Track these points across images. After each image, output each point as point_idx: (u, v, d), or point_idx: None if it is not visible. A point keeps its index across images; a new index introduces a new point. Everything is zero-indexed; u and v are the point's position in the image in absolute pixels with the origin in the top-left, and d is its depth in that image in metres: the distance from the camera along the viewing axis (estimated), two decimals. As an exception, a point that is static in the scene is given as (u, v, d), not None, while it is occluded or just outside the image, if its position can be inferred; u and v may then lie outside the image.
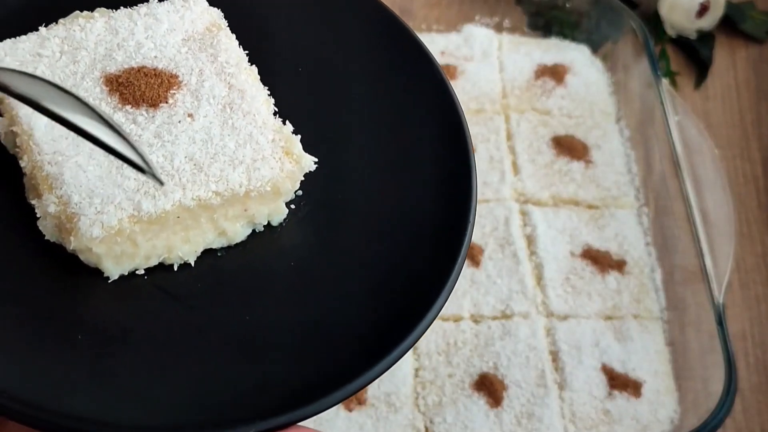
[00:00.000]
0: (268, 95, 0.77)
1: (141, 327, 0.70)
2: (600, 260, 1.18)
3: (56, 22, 0.78)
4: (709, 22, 1.41)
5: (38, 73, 0.74)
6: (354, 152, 0.78)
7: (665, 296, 1.17)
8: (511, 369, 1.09)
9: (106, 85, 0.75)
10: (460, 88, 1.32)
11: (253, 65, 0.78)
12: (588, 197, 1.24)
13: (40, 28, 0.77)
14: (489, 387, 1.08)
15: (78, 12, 0.79)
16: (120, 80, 0.75)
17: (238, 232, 0.74)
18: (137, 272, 0.72)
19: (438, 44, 1.37)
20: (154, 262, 0.72)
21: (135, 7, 0.79)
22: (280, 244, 0.75)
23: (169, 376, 0.68)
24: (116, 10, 0.79)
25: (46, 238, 0.72)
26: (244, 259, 0.74)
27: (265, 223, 0.75)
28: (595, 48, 1.38)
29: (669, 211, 1.21)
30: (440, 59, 1.35)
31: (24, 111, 0.72)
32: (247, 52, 0.79)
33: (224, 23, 0.80)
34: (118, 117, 0.73)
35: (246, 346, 0.69)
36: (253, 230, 0.75)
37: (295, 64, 0.82)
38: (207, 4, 0.80)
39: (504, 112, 1.31)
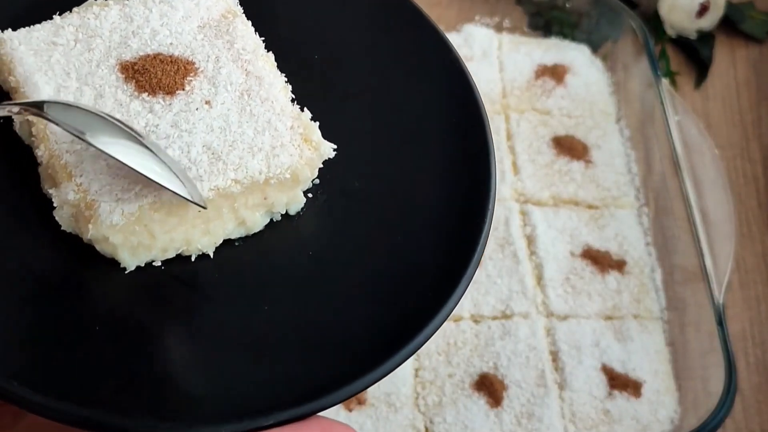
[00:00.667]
0: (285, 82, 0.76)
1: (158, 317, 0.69)
2: (600, 260, 1.18)
3: (70, 11, 0.78)
4: (709, 22, 1.41)
5: (53, 61, 0.74)
6: (371, 140, 0.77)
7: (665, 296, 1.17)
8: (511, 369, 1.09)
9: (122, 73, 0.74)
10: (460, 88, 1.32)
11: (270, 52, 0.77)
12: (588, 197, 1.24)
13: (54, 16, 0.77)
14: (489, 387, 1.08)
15: (92, 0, 0.78)
16: (136, 67, 0.74)
17: (257, 222, 0.73)
18: (154, 263, 0.72)
19: (438, 44, 1.37)
20: (171, 255, 0.72)
21: None
22: (297, 234, 0.74)
23: (186, 366, 0.68)
24: None
25: (62, 228, 0.71)
26: (262, 249, 0.73)
27: (284, 212, 0.74)
28: (595, 48, 1.38)
29: (669, 211, 1.21)
30: (440, 59, 1.35)
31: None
32: (263, 38, 0.78)
33: (240, 10, 0.79)
34: (135, 105, 0.72)
35: (263, 338, 0.69)
36: (271, 220, 0.75)
37: (311, 51, 0.81)
38: None
39: (504, 112, 1.31)
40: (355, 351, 0.68)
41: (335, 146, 0.74)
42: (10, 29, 0.76)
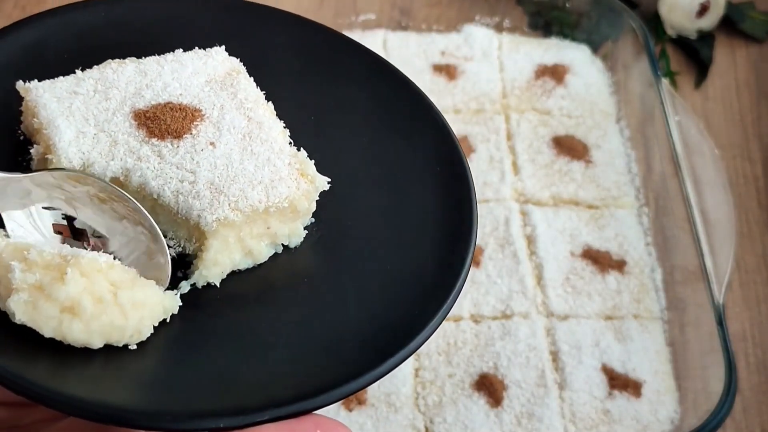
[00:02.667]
0: (284, 127, 0.84)
1: (161, 328, 0.75)
2: (600, 260, 1.18)
3: (91, 68, 0.85)
4: (709, 22, 1.42)
5: (74, 108, 0.81)
6: (361, 185, 0.85)
7: (665, 296, 1.17)
8: (511, 369, 1.09)
9: (135, 120, 0.81)
10: (460, 88, 1.32)
11: (270, 102, 0.85)
12: (588, 197, 1.24)
13: (77, 71, 0.85)
14: (489, 387, 1.08)
15: (110, 60, 0.86)
16: (147, 115, 0.81)
17: (262, 252, 0.80)
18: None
19: (438, 44, 1.37)
20: (184, 289, 0.78)
21: (163, 55, 0.87)
22: (296, 263, 0.81)
23: (188, 365, 0.74)
24: (146, 57, 0.87)
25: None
26: (264, 275, 0.80)
27: (286, 243, 0.81)
28: (595, 48, 1.38)
29: (669, 211, 1.21)
30: (440, 59, 1.35)
31: (62, 143, 0.79)
32: (264, 92, 0.86)
33: (243, 69, 0.87)
34: (145, 149, 0.79)
35: (263, 340, 0.76)
36: (274, 252, 0.82)
37: (308, 109, 0.89)
38: (227, 54, 0.88)
39: (504, 112, 1.31)
40: (346, 358, 0.75)
41: (329, 179, 0.81)
42: (36, 80, 0.83)
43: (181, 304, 0.75)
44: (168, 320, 0.75)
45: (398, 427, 1.06)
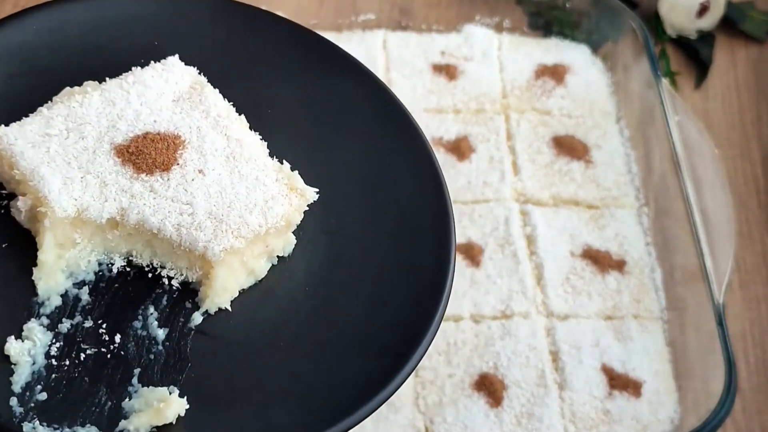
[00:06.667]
0: (261, 139, 0.84)
1: (190, 366, 0.77)
2: (600, 260, 1.18)
3: (51, 100, 0.83)
4: (709, 22, 1.41)
5: (52, 153, 0.79)
6: (340, 186, 0.86)
7: (665, 296, 1.17)
8: (511, 369, 1.09)
9: (118, 156, 0.80)
10: (460, 88, 1.32)
11: (241, 114, 0.85)
12: (588, 197, 1.24)
13: (40, 108, 0.82)
14: (489, 387, 1.08)
15: (68, 88, 0.84)
16: (130, 150, 0.80)
17: (263, 268, 0.82)
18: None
19: (438, 44, 1.37)
20: (197, 320, 0.79)
21: (122, 76, 0.85)
22: (293, 273, 0.82)
23: (215, 406, 0.75)
24: (102, 81, 0.85)
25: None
26: (267, 291, 0.81)
27: (281, 254, 0.83)
28: (595, 48, 1.38)
29: (669, 211, 1.21)
30: (440, 59, 1.35)
31: (52, 194, 0.77)
32: (231, 103, 0.86)
33: (204, 80, 0.86)
34: (137, 187, 0.79)
35: (279, 374, 0.77)
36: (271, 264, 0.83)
37: (272, 111, 0.89)
38: (182, 64, 0.86)
39: (504, 112, 1.31)
40: (343, 396, 0.76)
41: (317, 190, 0.83)
42: (2, 125, 0.81)
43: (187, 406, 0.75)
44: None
45: (398, 427, 1.06)
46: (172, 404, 0.73)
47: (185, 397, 0.74)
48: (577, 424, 1.07)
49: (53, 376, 0.75)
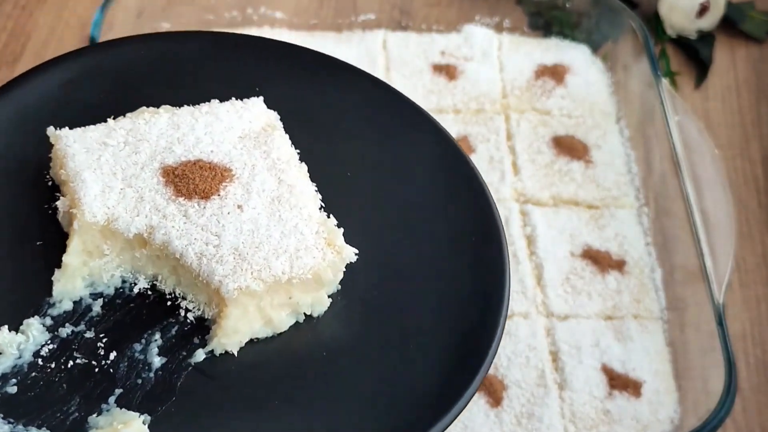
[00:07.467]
0: (316, 191, 0.82)
1: (177, 400, 0.75)
2: (600, 260, 1.18)
3: (124, 115, 0.84)
4: (709, 22, 1.42)
5: (102, 161, 0.80)
6: (393, 253, 0.82)
7: (665, 296, 1.17)
8: (511, 369, 1.09)
9: (163, 177, 0.80)
10: (460, 88, 1.32)
11: (303, 163, 0.83)
12: (588, 197, 1.24)
13: (108, 119, 0.83)
14: (489, 387, 1.08)
15: (144, 108, 0.85)
16: (176, 172, 0.80)
17: (283, 322, 0.78)
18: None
19: (438, 44, 1.37)
20: (199, 357, 0.77)
21: (198, 105, 0.85)
22: (316, 335, 0.78)
23: None
24: (180, 107, 0.85)
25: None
26: (282, 347, 0.78)
27: (309, 312, 0.79)
28: (595, 48, 1.38)
29: (669, 211, 1.21)
30: (440, 59, 1.35)
31: (87, 198, 0.78)
32: (298, 151, 0.84)
33: (279, 124, 0.85)
34: (171, 208, 0.78)
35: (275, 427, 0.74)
36: (296, 321, 0.79)
37: (344, 166, 0.87)
38: (265, 106, 0.86)
39: (504, 112, 1.31)
40: None
41: (357, 251, 0.79)
42: (67, 128, 0.82)
43: None
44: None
45: (398, 427, 1.05)
46: (133, 429, 0.71)
47: (151, 428, 0.72)
48: (577, 424, 1.07)
49: (33, 374, 0.74)
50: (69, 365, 0.75)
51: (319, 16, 1.38)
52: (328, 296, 0.79)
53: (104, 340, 0.77)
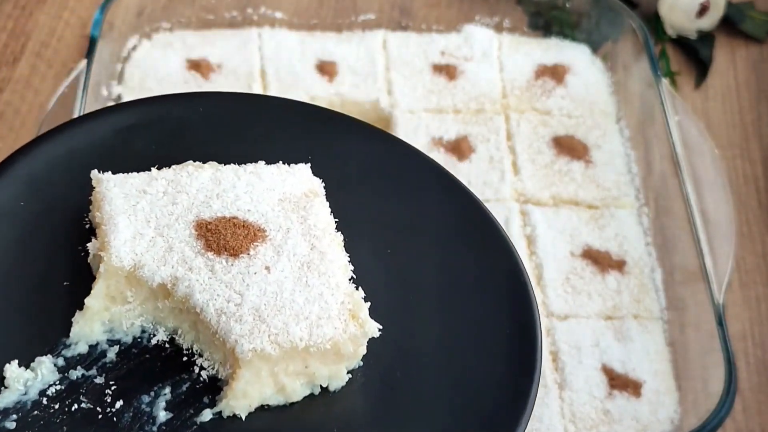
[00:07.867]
0: (348, 261, 0.80)
1: None
2: (600, 260, 1.18)
3: (168, 167, 0.84)
4: (709, 22, 1.42)
5: (138, 208, 0.80)
6: (422, 333, 0.80)
7: (665, 296, 1.17)
8: (511, 369, 1.09)
9: (196, 230, 0.79)
10: (460, 88, 1.32)
11: (339, 233, 0.82)
12: (588, 197, 1.24)
13: (152, 168, 0.83)
14: (489, 387, 1.08)
15: (191, 162, 0.84)
16: (210, 227, 0.79)
17: (296, 391, 0.76)
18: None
19: (438, 44, 1.37)
20: (206, 417, 0.75)
21: (243, 165, 0.84)
22: (330, 409, 0.76)
23: None
24: (226, 165, 0.85)
25: None
26: (292, 416, 0.76)
27: (325, 385, 0.77)
28: (595, 48, 1.38)
29: (669, 211, 1.21)
30: (440, 59, 1.35)
31: (116, 242, 0.77)
32: (337, 220, 0.83)
33: (322, 192, 0.84)
34: (198, 261, 0.77)
35: None
36: (311, 393, 0.77)
37: (382, 241, 0.85)
38: (311, 173, 0.85)
39: (504, 112, 1.31)
40: None
41: (381, 327, 0.76)
42: (110, 171, 0.82)
43: None
44: None
45: (398, 427, 1.05)
46: None
47: None
48: (577, 424, 1.07)
49: (35, 412, 0.73)
50: (73, 408, 0.74)
51: (319, 16, 1.38)
52: (348, 372, 0.77)
53: (113, 388, 0.75)
